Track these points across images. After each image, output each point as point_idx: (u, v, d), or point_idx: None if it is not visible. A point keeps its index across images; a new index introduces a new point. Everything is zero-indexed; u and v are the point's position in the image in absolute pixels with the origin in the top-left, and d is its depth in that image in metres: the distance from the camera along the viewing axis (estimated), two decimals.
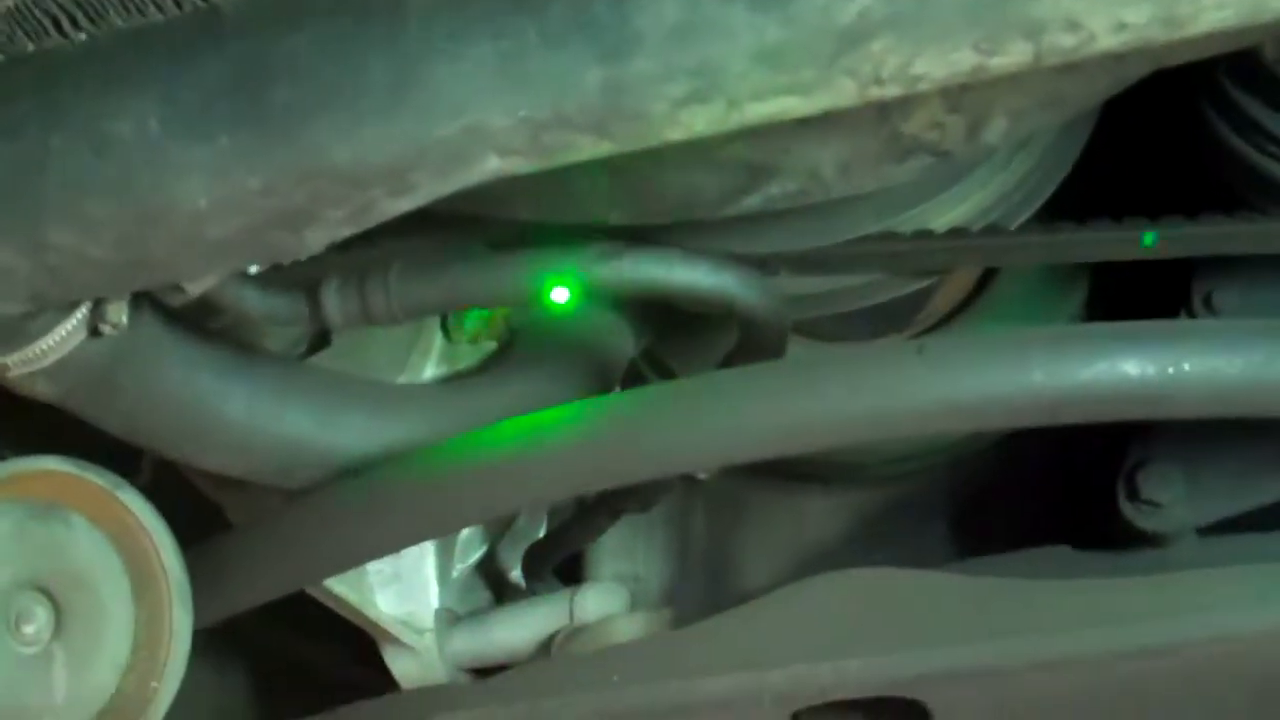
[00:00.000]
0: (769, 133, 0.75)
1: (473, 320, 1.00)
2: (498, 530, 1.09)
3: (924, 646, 0.82)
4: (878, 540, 1.09)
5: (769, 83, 0.66)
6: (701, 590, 1.11)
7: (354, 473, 0.88)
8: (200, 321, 0.86)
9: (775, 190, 0.82)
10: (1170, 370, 0.74)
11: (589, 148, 0.68)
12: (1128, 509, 0.90)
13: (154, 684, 0.85)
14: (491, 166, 0.69)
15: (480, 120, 0.67)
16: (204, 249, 0.71)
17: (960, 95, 0.78)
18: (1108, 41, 0.64)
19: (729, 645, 0.85)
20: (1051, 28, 0.64)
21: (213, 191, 0.69)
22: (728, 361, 0.88)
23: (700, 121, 0.67)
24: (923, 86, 0.67)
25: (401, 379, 0.97)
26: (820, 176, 0.81)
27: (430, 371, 0.99)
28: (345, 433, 0.88)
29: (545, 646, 1.02)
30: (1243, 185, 0.89)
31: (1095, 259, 0.87)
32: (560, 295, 0.81)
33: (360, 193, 0.69)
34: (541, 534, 1.12)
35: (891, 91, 0.67)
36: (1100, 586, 0.82)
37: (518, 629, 1.03)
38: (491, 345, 1.01)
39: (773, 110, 0.67)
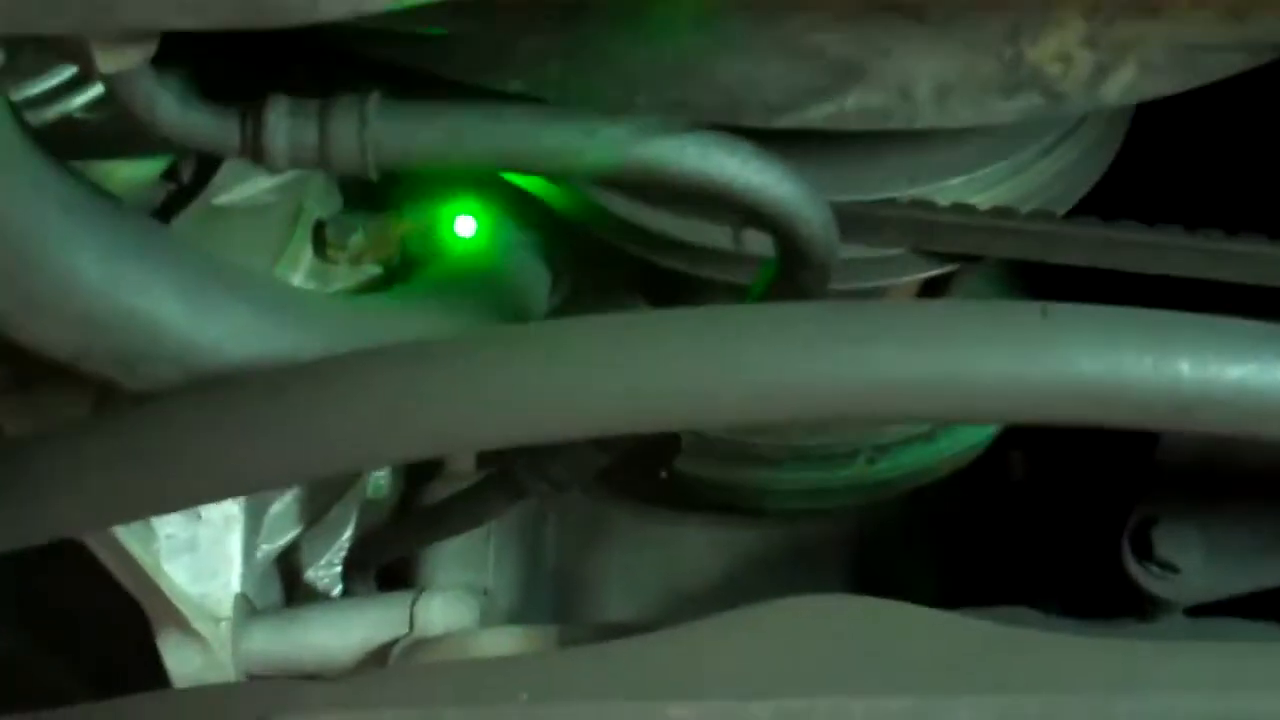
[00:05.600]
0: (870, 26, 0.60)
1: (359, 238, 0.80)
2: (312, 515, 0.87)
3: (943, 694, 0.65)
4: (763, 579, 0.92)
5: None
6: (550, 613, 0.91)
7: (214, 380, 0.66)
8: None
9: (852, 102, 0.66)
10: None
11: None
12: (1136, 570, 0.76)
13: None
14: None
15: None
16: None
17: (1104, 28, 0.65)
18: None
19: (690, 667, 0.66)
20: None
21: None
22: (755, 299, 0.69)
23: None
24: None
25: None
26: (912, 95, 0.66)
27: None
28: (218, 327, 0.66)
29: (374, 658, 0.81)
30: None
31: (1161, 270, 0.74)
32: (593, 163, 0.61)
33: None
34: (350, 528, 0.92)
35: None
36: (1127, 648, 0.67)
37: (340, 632, 0.81)
38: (374, 271, 0.81)
39: None
